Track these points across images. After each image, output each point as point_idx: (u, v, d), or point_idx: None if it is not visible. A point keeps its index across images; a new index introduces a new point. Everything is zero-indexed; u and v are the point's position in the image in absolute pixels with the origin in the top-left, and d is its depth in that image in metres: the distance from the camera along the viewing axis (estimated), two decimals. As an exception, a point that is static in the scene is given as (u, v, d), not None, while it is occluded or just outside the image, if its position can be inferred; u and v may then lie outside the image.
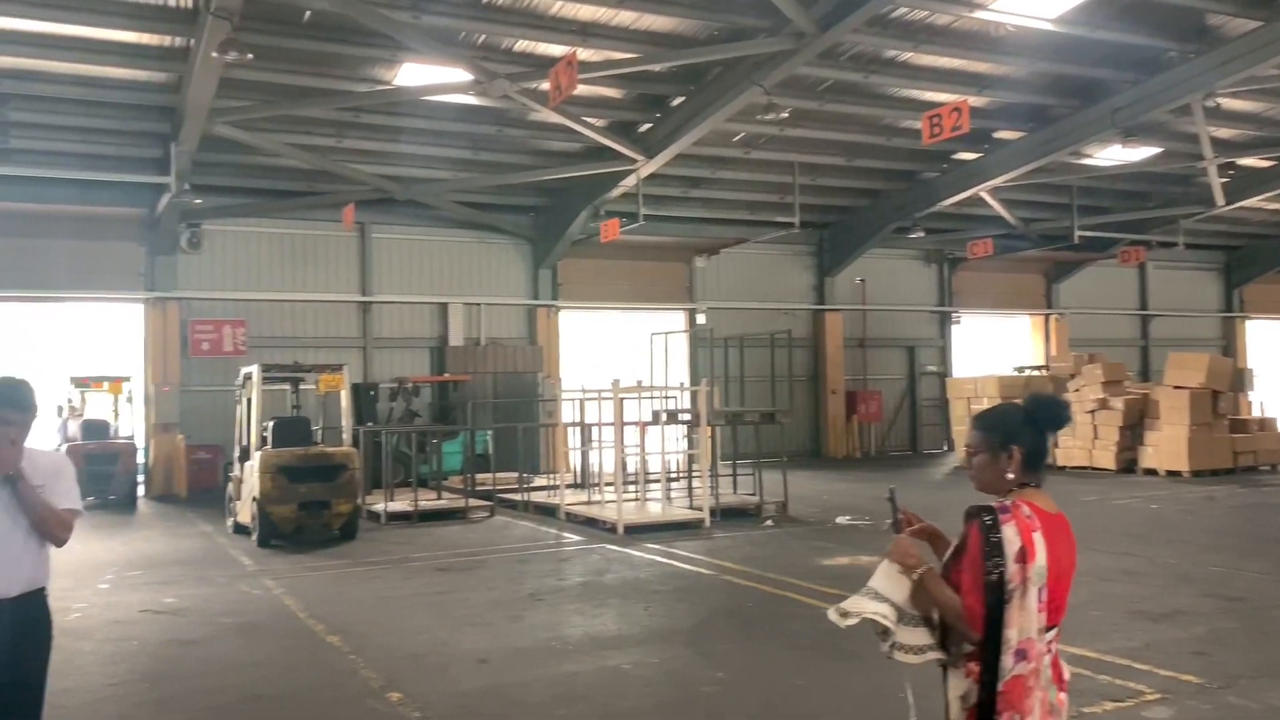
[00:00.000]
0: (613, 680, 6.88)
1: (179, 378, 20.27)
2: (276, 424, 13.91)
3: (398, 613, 9.09)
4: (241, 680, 6.94)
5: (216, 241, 20.79)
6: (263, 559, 12.14)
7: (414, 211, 21.68)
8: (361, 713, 6.19)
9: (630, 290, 24.59)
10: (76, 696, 6.35)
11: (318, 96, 16.52)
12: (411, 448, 17.96)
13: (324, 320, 21.84)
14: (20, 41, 14.43)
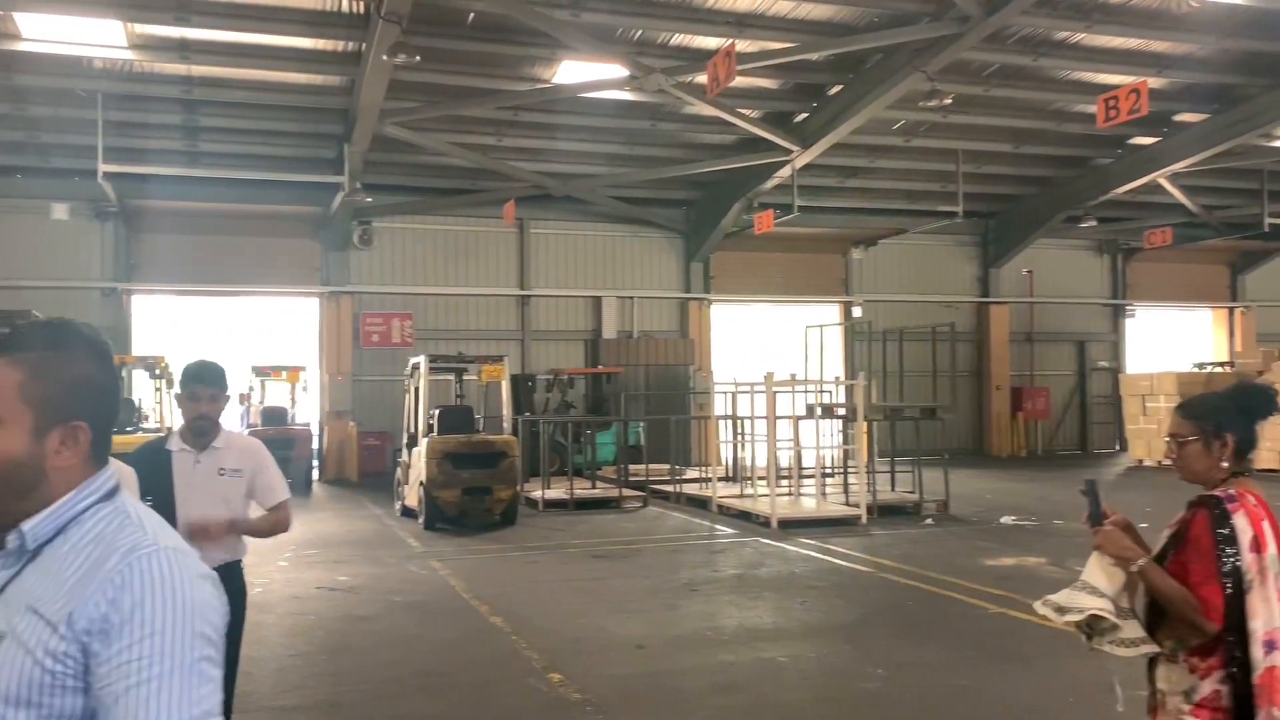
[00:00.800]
0: (769, 672, 6.85)
1: (351, 368, 21.28)
2: (442, 412, 14.44)
3: (556, 597, 9.30)
4: (412, 655, 7.24)
5: (385, 238, 21.71)
6: (429, 541, 12.62)
7: (570, 206, 22.10)
8: (525, 691, 6.36)
9: (783, 283, 24.38)
10: (262, 665, 6.75)
11: (480, 96, 17.01)
12: (567, 438, 18.32)
13: (484, 313, 22.51)
14: (211, 51, 15.40)
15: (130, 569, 1.40)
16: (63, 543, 1.46)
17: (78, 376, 1.51)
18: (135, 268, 20.64)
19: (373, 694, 6.35)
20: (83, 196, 19.58)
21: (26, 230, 19.86)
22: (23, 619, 1.40)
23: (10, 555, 1.47)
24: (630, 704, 6.11)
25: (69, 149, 18.48)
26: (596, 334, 22.97)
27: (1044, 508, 14.56)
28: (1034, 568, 10.48)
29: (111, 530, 1.47)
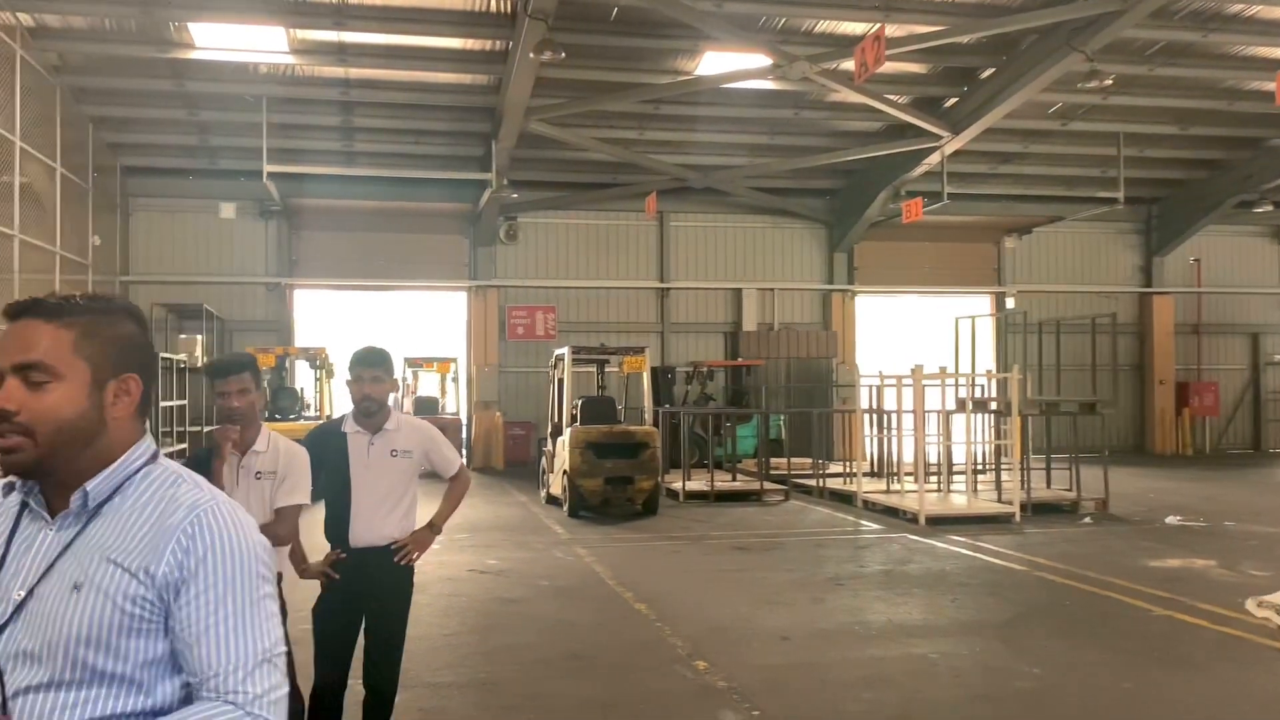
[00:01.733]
0: (920, 668, 6.68)
1: (497, 359, 21.82)
2: (585, 403, 14.64)
3: (700, 586, 9.30)
4: (560, 638, 7.37)
5: (530, 233, 22.16)
6: (573, 528, 12.83)
7: (710, 198, 22.07)
8: (671, 677, 6.39)
9: (931, 273, 23.76)
10: (418, 643, 6.96)
11: (622, 90, 17.15)
12: (706, 430, 18.31)
13: (625, 306, 22.72)
14: (366, 53, 16.01)
15: (198, 523, 1.55)
16: (122, 501, 1.60)
17: (123, 335, 1.65)
18: (296, 263, 21.67)
19: (523, 674, 6.48)
20: (249, 196, 20.68)
21: (199, 228, 21.10)
22: (100, 569, 1.53)
23: (72, 515, 1.59)
24: (777, 694, 6.05)
25: (236, 151, 19.52)
26: (736, 326, 22.88)
27: (1212, 508, 13.75)
28: (1203, 570, 9.91)
29: (169, 488, 1.61)
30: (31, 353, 1.55)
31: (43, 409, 1.55)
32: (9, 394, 1.54)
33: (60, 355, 1.57)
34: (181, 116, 18.62)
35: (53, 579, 1.55)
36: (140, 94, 17.70)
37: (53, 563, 1.56)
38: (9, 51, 14.50)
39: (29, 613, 1.53)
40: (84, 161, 18.08)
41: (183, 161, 20.62)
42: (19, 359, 1.55)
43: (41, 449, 1.55)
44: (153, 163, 20.54)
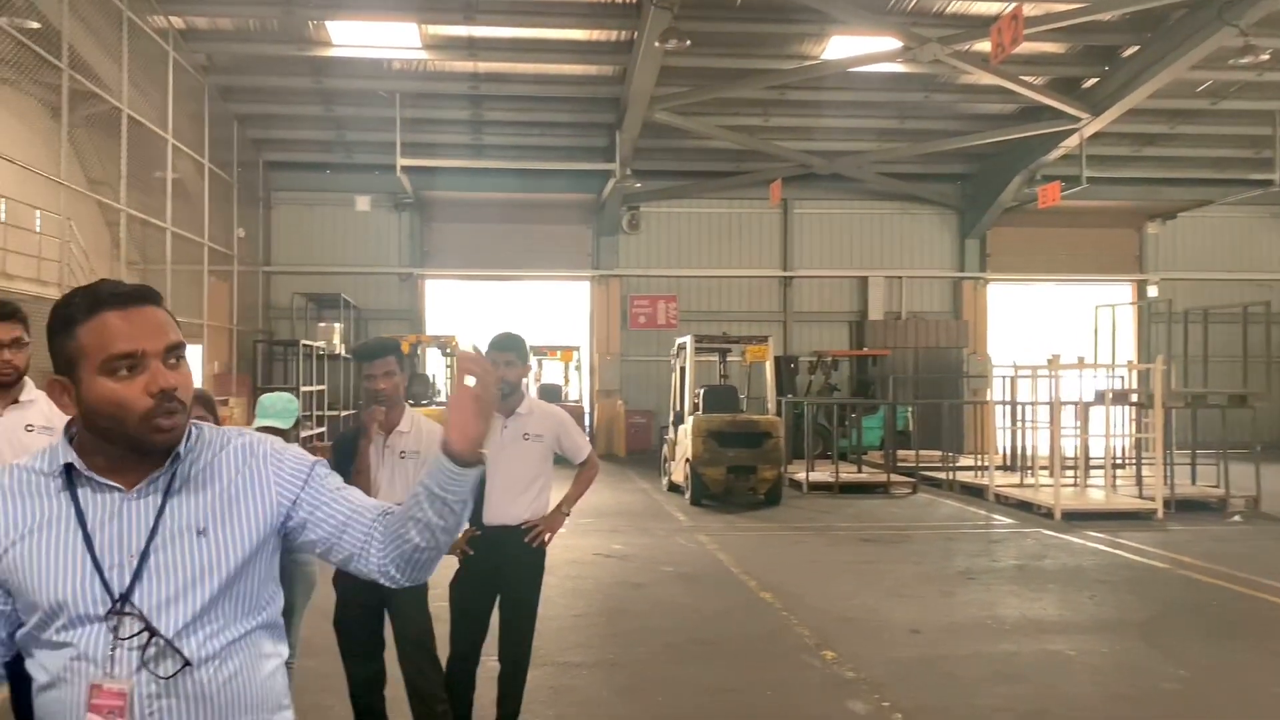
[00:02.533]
0: (1056, 665, 6.46)
1: (619, 348, 22.00)
2: (707, 391, 14.63)
3: (825, 577, 9.20)
4: (686, 623, 7.39)
5: (652, 222, 22.24)
6: (695, 516, 12.85)
7: (835, 185, 21.74)
8: (797, 666, 6.34)
9: (1068, 260, 22.88)
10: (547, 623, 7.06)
11: (747, 77, 17.03)
12: (830, 421, 18.07)
13: (747, 295, 22.60)
14: (495, 47, 16.32)
15: (269, 447, 1.80)
16: (191, 461, 1.73)
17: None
18: (427, 254, 22.26)
19: (650, 656, 6.53)
20: (383, 189, 21.33)
21: (335, 221, 21.88)
22: (217, 517, 1.71)
23: (162, 476, 1.70)
24: (907, 686, 5.94)
25: (371, 146, 20.16)
26: (862, 315, 22.51)
27: (1379, 510, 12.90)
28: (1369, 574, 9.29)
29: (219, 438, 1.79)
30: (175, 334, 1.69)
31: (185, 384, 1.68)
32: (168, 374, 1.65)
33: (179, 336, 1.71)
34: (319, 113, 19.33)
35: (168, 534, 1.67)
36: (281, 91, 18.45)
37: (155, 522, 1.67)
38: (162, 53, 15.31)
39: (155, 566, 1.65)
40: (229, 157, 18.96)
41: (321, 156, 21.40)
42: (172, 340, 1.67)
43: (184, 418, 1.69)
44: (293, 158, 21.40)
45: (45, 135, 15.32)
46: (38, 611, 1.65)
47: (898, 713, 5.48)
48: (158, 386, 1.63)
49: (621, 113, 17.70)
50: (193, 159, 17.02)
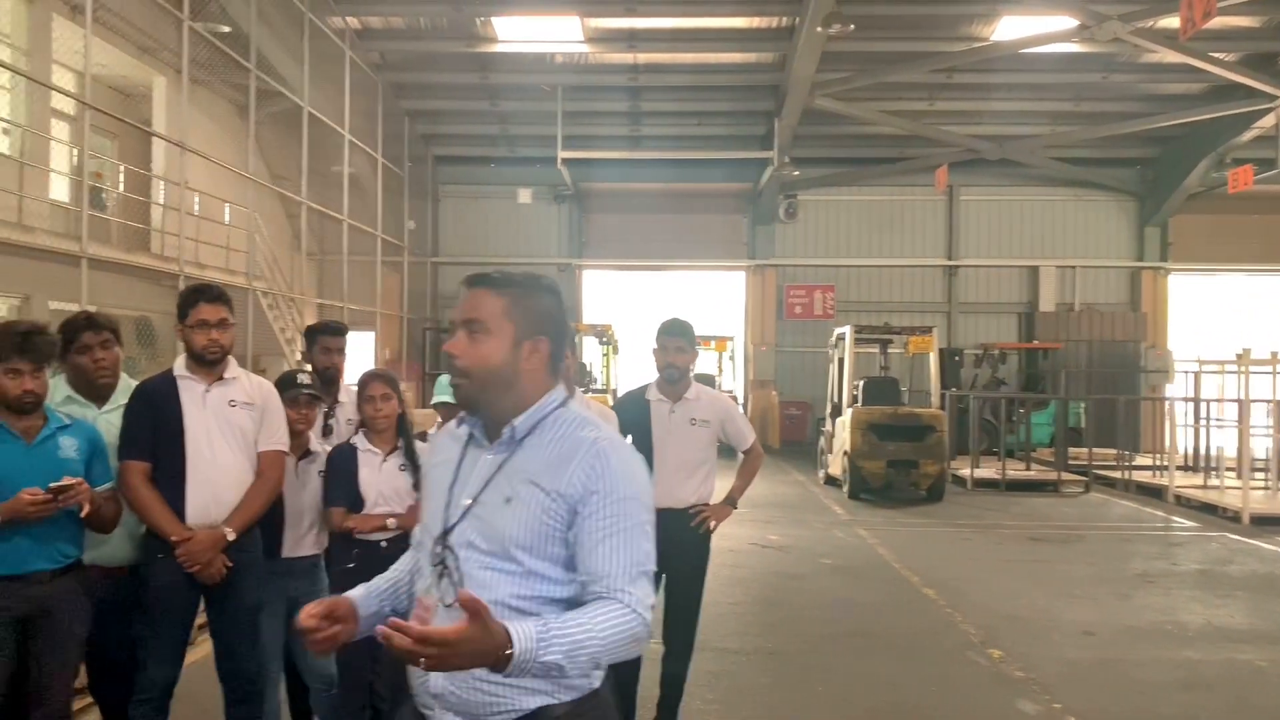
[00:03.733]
0: (1246, 675, 6.05)
1: (774, 338, 21.82)
2: (866, 383, 14.34)
3: (991, 575, 8.89)
4: (844, 615, 7.28)
5: (810, 211, 21.93)
6: (853, 510, 12.64)
7: (1004, 171, 20.93)
8: (962, 663, 6.15)
9: (1261, 249, 21.32)
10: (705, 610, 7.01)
11: (912, 60, 16.57)
12: (997, 416, 17.44)
13: (908, 285, 22.02)
14: (655, 38, 16.41)
15: (600, 456, 1.93)
16: (540, 435, 1.99)
17: (541, 306, 2.04)
18: (585, 245, 22.61)
19: (808, 647, 6.46)
20: (543, 182, 21.78)
21: (498, 213, 22.48)
22: (524, 488, 1.93)
23: (503, 443, 2.00)
24: (1080, 688, 5.67)
25: (533, 139, 20.59)
26: (1032, 306, 21.61)
27: None
28: None
29: (575, 429, 1.99)
30: (476, 312, 2.00)
31: (477, 355, 1.99)
32: (458, 343, 2.01)
33: (494, 316, 1.99)
34: (484, 108, 19.89)
35: (490, 491, 1.98)
36: (449, 87, 19.07)
37: (489, 479, 1.99)
38: (339, 52, 16.04)
39: (474, 515, 1.98)
40: (401, 152, 19.72)
41: (485, 150, 22.01)
42: (468, 315, 2.01)
43: (474, 386, 2.00)
44: (459, 152, 22.09)
45: (233, 133, 16.31)
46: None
47: (1071, 715, 5.24)
48: (446, 351, 2.03)
49: (781, 100, 17.51)
50: (367, 154, 17.78)
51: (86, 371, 3.75)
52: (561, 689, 1.92)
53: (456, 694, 1.93)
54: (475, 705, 1.93)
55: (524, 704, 1.92)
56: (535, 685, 1.89)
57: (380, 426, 4.09)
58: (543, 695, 1.91)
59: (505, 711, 1.92)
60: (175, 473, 3.59)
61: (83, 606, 3.41)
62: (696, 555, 4.67)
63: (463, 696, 1.92)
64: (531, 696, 1.91)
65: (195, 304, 3.70)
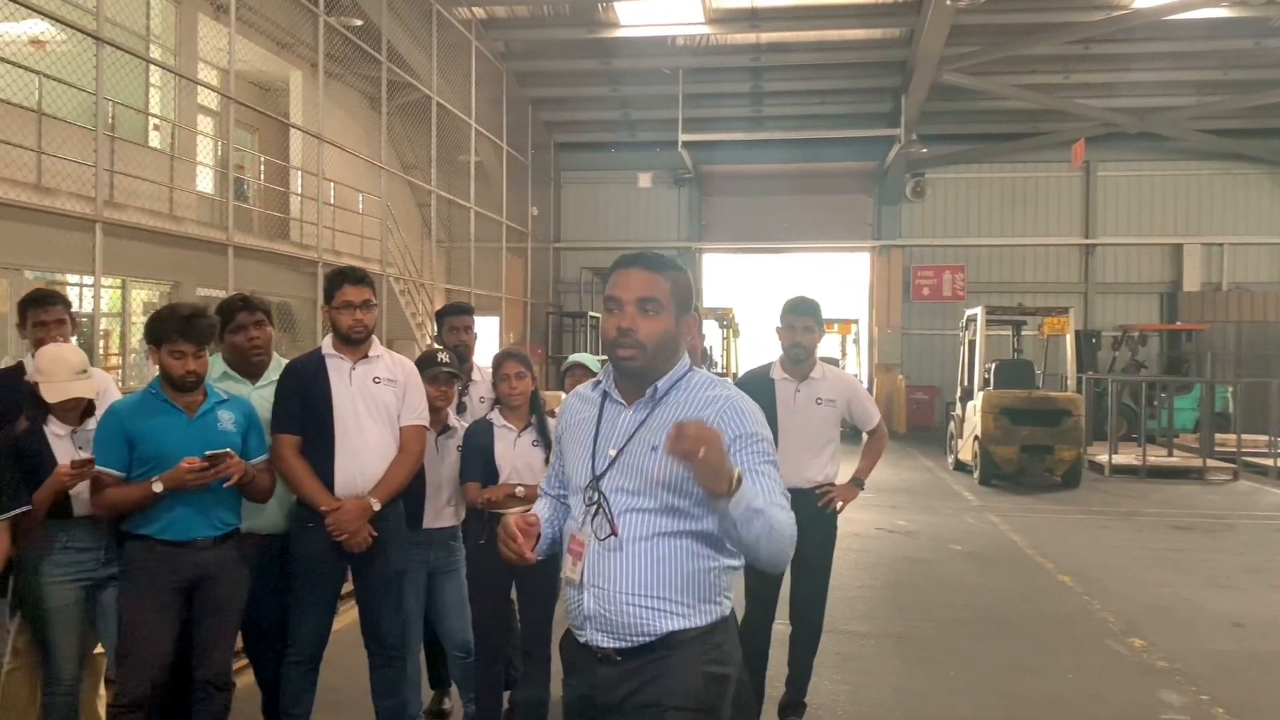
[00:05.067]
0: None
1: (900, 321, 21.39)
2: (999, 366, 13.94)
3: (1131, 563, 8.55)
4: (975, 601, 7.12)
5: (938, 189, 21.39)
6: (984, 495, 12.32)
7: (1145, 144, 20.02)
8: (1102, 651, 5.95)
9: None
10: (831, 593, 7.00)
11: (1046, 32, 15.96)
12: (1138, 400, 16.71)
13: (1042, 264, 21.29)
14: (777, 16, 16.22)
15: (736, 407, 2.24)
16: (677, 393, 2.29)
17: (689, 287, 2.34)
18: (705, 228, 22.57)
19: (938, 631, 6.34)
20: (663, 166, 21.83)
21: (619, 198, 22.63)
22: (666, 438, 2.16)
23: (644, 402, 2.29)
24: (1229, 681, 5.42)
25: (653, 123, 20.64)
26: (1175, 286, 20.64)
27: None
28: None
29: (706, 388, 2.30)
30: (649, 291, 2.25)
31: (651, 330, 2.25)
32: (631, 318, 2.24)
33: (664, 295, 2.26)
34: (606, 93, 20.01)
35: (635, 442, 2.26)
36: (571, 74, 19.26)
37: (633, 432, 2.27)
38: (465, 42, 16.38)
39: (622, 464, 2.26)
40: (524, 140, 20.04)
41: (606, 135, 22.17)
42: (642, 294, 2.25)
43: (647, 358, 2.26)
44: (581, 138, 22.31)
45: (364, 123, 16.85)
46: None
47: (1219, 707, 5.02)
48: (616, 326, 2.26)
49: (907, 76, 17.12)
50: (492, 142, 18.13)
51: (241, 349, 3.96)
52: (695, 613, 2.20)
53: (604, 614, 2.21)
54: (619, 625, 2.21)
55: (660, 626, 2.19)
56: (672, 609, 2.19)
57: (515, 403, 4.19)
58: (677, 619, 2.19)
59: (644, 633, 2.19)
60: (324, 446, 3.75)
61: (241, 572, 3.61)
62: (823, 536, 4.64)
63: (609, 617, 2.21)
64: (668, 619, 2.19)
65: (340, 286, 3.85)
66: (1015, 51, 16.54)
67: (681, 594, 2.19)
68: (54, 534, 3.55)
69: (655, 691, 2.18)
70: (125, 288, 12.83)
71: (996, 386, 13.43)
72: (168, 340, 3.44)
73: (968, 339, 14.81)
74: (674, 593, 2.19)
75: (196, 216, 12.91)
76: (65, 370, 3.57)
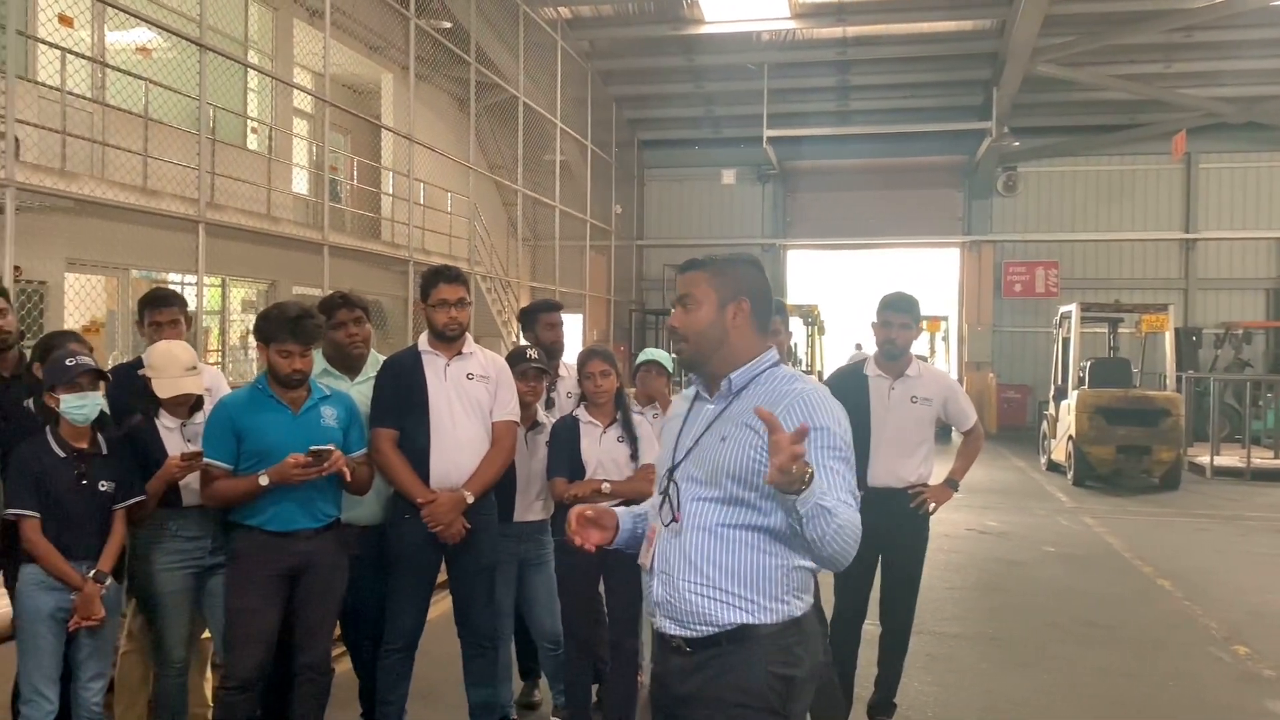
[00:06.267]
0: None
1: (991, 318, 20.94)
2: (1094, 364, 13.58)
3: (1235, 568, 8.26)
4: (1071, 604, 6.95)
5: (1030, 183, 20.89)
6: (1079, 497, 12.02)
7: (1252, 135, 19.24)
8: (1203, 659, 5.76)
9: None
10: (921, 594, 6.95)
11: (1146, 20, 15.45)
12: (1241, 400, 16.11)
13: (1140, 260, 20.65)
14: (864, 10, 16.01)
15: (809, 402, 2.24)
16: (754, 388, 2.32)
17: (737, 273, 2.39)
18: (790, 224, 22.40)
19: (1031, 634, 6.21)
20: (747, 162, 21.72)
21: (702, 195, 22.61)
22: (737, 429, 2.25)
23: (722, 395, 2.35)
24: (1345, 695, 5.20)
25: (737, 119, 20.56)
26: (1281, 282, 19.83)
27: None
28: None
29: (786, 383, 2.32)
30: (686, 288, 2.40)
31: (689, 321, 2.38)
32: (676, 316, 2.41)
33: (699, 288, 2.38)
34: (690, 90, 20.00)
35: (710, 434, 2.32)
36: (655, 71, 19.28)
37: (710, 424, 2.33)
38: (551, 42, 16.53)
39: (695, 454, 2.32)
40: (608, 138, 20.14)
41: (689, 132, 22.15)
42: (680, 292, 2.42)
43: (691, 348, 2.38)
44: (664, 135, 22.33)
45: (452, 124, 17.12)
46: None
47: (1333, 722, 4.82)
48: (669, 326, 2.44)
49: (999, 68, 16.73)
50: (577, 141, 18.27)
51: (341, 345, 4.08)
52: (760, 609, 2.21)
53: (670, 601, 2.27)
54: (683, 613, 2.25)
55: (726, 618, 2.21)
56: (736, 601, 2.21)
57: (600, 400, 4.23)
58: (743, 612, 2.21)
59: (708, 623, 2.22)
60: (420, 440, 3.85)
61: (341, 562, 3.72)
62: (915, 536, 4.58)
63: (674, 604, 2.26)
64: (731, 611, 2.21)
65: (436, 284, 3.94)
66: (1113, 41, 16.03)
67: (745, 587, 2.21)
68: (164, 523, 3.70)
69: (720, 687, 2.21)
70: (225, 286, 13.26)
71: (1092, 385, 13.08)
72: (276, 339, 3.56)
73: (1061, 336, 14.46)
74: (737, 585, 2.20)
75: (292, 217, 13.28)
76: (176, 366, 3.71)
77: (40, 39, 9.26)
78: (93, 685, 3.46)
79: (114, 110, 10.19)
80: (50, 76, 9.69)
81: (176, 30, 9.13)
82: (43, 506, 3.35)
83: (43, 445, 3.41)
